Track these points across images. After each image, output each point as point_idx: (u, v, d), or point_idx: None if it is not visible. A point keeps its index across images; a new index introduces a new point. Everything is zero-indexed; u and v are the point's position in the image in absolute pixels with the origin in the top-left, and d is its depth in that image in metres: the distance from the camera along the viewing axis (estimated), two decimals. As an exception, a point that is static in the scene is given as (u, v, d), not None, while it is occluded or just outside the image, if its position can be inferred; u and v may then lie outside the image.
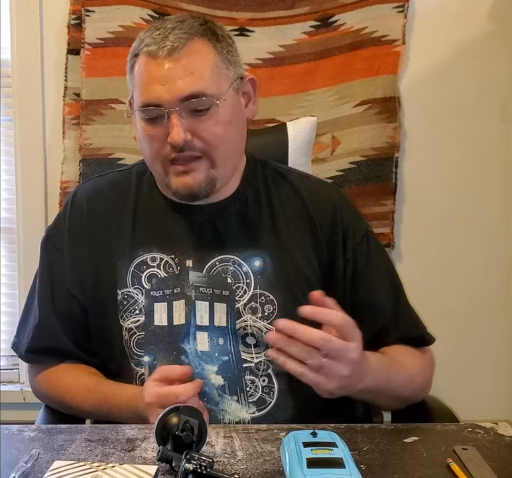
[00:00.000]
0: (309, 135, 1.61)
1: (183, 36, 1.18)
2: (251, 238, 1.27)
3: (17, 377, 2.20)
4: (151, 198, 1.32)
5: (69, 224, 1.33)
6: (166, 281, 1.26)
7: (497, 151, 2.05)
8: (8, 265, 2.18)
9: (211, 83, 1.19)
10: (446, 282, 2.10)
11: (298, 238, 1.29)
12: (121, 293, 1.28)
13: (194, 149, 1.19)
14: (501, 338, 2.11)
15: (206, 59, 1.19)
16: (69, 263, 1.31)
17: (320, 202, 1.32)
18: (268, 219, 1.29)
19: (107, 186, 1.35)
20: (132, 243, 1.29)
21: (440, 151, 2.06)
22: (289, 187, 1.33)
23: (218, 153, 1.21)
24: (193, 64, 1.18)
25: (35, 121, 2.03)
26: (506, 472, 0.95)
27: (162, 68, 1.17)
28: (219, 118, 1.19)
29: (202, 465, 0.90)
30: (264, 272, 1.26)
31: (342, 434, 0.99)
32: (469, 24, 2.00)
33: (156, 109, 1.18)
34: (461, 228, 2.09)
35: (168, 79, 1.17)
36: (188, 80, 1.17)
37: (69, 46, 1.97)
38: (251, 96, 1.28)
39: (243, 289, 1.25)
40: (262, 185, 1.32)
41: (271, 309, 1.25)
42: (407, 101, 2.01)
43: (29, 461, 0.96)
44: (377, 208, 2.01)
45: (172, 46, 1.17)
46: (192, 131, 1.18)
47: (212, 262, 1.26)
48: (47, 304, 1.32)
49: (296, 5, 1.96)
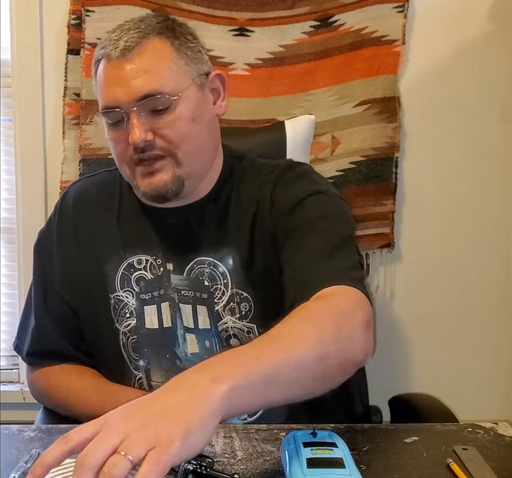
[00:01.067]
0: (307, 133, 1.60)
1: (136, 35, 1.17)
2: (222, 238, 1.24)
3: (17, 377, 2.20)
4: (130, 199, 1.30)
5: (58, 227, 1.32)
6: (152, 282, 1.25)
7: (497, 151, 2.05)
8: (8, 265, 2.18)
9: (167, 81, 1.16)
10: (446, 282, 2.10)
11: (258, 227, 1.23)
12: (113, 297, 1.27)
13: (156, 148, 1.16)
14: (501, 337, 2.11)
15: (161, 57, 1.17)
16: (58, 267, 1.31)
17: (269, 181, 1.24)
18: (234, 216, 1.25)
19: (94, 188, 1.34)
20: (119, 245, 1.27)
21: (440, 150, 2.06)
22: (258, 178, 1.26)
23: (182, 152, 1.18)
24: (147, 62, 1.15)
25: (35, 121, 2.03)
26: (506, 472, 0.95)
27: (117, 69, 1.16)
28: (179, 116, 1.16)
29: (202, 465, 0.89)
30: (235, 270, 1.23)
31: (342, 434, 0.99)
32: (469, 24, 2.00)
33: (115, 112, 1.16)
34: (461, 228, 2.09)
35: (124, 80, 1.15)
36: (142, 79, 1.14)
37: (69, 46, 1.97)
38: (220, 93, 1.26)
39: (221, 291, 1.23)
40: (236, 182, 1.27)
41: (247, 307, 1.22)
42: (407, 101, 2.00)
43: (29, 461, 0.96)
44: (377, 208, 2.01)
45: (125, 46, 1.15)
46: (153, 130, 1.16)
47: (191, 265, 1.24)
48: (41, 307, 1.32)
49: (296, 5, 1.96)
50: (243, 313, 1.22)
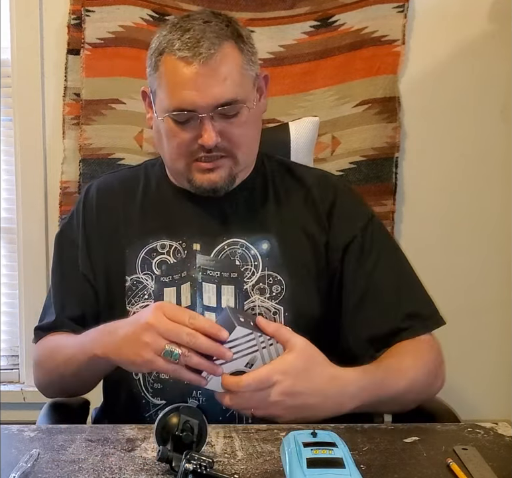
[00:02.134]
0: (311, 135, 1.62)
1: (215, 41, 1.20)
2: (258, 223, 1.32)
3: (17, 377, 2.20)
4: (159, 188, 1.37)
5: (83, 219, 1.37)
6: (175, 266, 1.30)
7: (496, 150, 2.05)
8: (8, 265, 2.18)
9: (241, 89, 1.23)
10: (446, 282, 2.10)
11: (302, 222, 1.32)
12: (130, 279, 1.31)
13: (220, 149, 1.24)
14: (501, 337, 2.11)
15: (235, 63, 1.23)
16: (82, 251, 1.35)
17: (321, 186, 1.36)
18: (274, 205, 1.34)
19: (116, 183, 1.41)
20: (142, 231, 1.32)
21: (440, 150, 2.06)
22: (293, 177, 1.37)
23: (242, 152, 1.27)
24: (225, 70, 1.21)
25: (35, 121, 2.03)
26: (506, 472, 0.95)
27: (196, 75, 1.20)
28: (246, 120, 1.25)
29: (202, 465, 0.90)
30: (272, 254, 1.29)
31: (342, 434, 0.99)
32: (469, 24, 2.00)
33: (189, 114, 1.22)
34: (461, 228, 2.09)
35: (203, 87, 1.20)
36: (222, 88, 1.21)
37: (69, 46, 1.97)
38: (263, 91, 1.33)
39: (251, 271, 1.28)
40: (269, 175, 1.37)
41: (279, 289, 1.28)
42: (407, 101, 2.01)
43: (29, 461, 0.96)
44: (377, 208, 2.00)
45: (208, 53, 1.19)
46: (221, 133, 1.23)
47: (221, 246, 1.30)
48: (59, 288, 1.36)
49: (296, 5, 1.96)
50: (274, 294, 1.28)
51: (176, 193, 1.35)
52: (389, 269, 1.32)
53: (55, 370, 1.29)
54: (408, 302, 1.30)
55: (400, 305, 1.28)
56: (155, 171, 1.39)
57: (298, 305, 1.27)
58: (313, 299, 1.29)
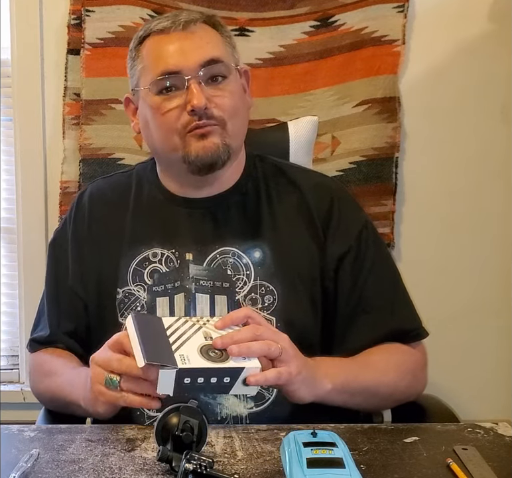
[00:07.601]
0: (310, 134, 1.61)
1: (195, 15, 1.25)
2: (250, 230, 1.29)
3: (17, 377, 2.20)
4: (150, 194, 1.34)
5: (73, 227, 1.35)
6: (167, 275, 1.27)
7: (497, 150, 2.05)
8: (8, 265, 2.18)
9: (225, 54, 1.25)
10: (445, 282, 2.10)
11: (296, 229, 1.30)
12: (122, 291, 1.28)
13: (212, 117, 1.22)
14: (501, 337, 2.11)
15: (215, 37, 1.25)
16: (72, 264, 1.33)
17: (317, 192, 1.33)
18: (267, 211, 1.30)
19: (109, 190, 1.38)
20: (133, 241, 1.30)
21: (440, 151, 2.06)
22: (287, 180, 1.34)
23: (231, 123, 1.24)
24: (207, 36, 1.23)
25: (35, 121, 2.03)
26: (506, 472, 0.95)
27: (179, 40, 1.22)
28: (233, 89, 1.24)
29: (202, 465, 0.90)
30: (264, 263, 1.26)
31: (342, 434, 1.00)
32: (469, 24, 2.00)
33: (175, 77, 1.21)
34: (461, 228, 2.09)
35: (186, 49, 1.21)
36: (205, 49, 1.22)
37: (69, 46, 1.97)
38: (245, 88, 1.31)
39: (243, 281, 1.26)
40: (262, 178, 1.33)
41: (271, 300, 1.25)
42: (407, 101, 2.00)
43: (29, 461, 0.96)
44: (377, 208, 2.01)
45: (187, 19, 1.22)
46: (210, 100, 1.21)
47: (213, 255, 1.27)
48: (52, 301, 1.35)
49: (296, 5, 1.96)
50: (266, 305, 1.25)
51: (167, 198, 1.32)
52: (381, 280, 1.31)
53: (48, 392, 1.29)
54: (396, 317, 1.29)
55: (388, 321, 1.28)
56: (147, 176, 1.36)
57: (290, 315, 1.25)
58: (305, 308, 1.27)
